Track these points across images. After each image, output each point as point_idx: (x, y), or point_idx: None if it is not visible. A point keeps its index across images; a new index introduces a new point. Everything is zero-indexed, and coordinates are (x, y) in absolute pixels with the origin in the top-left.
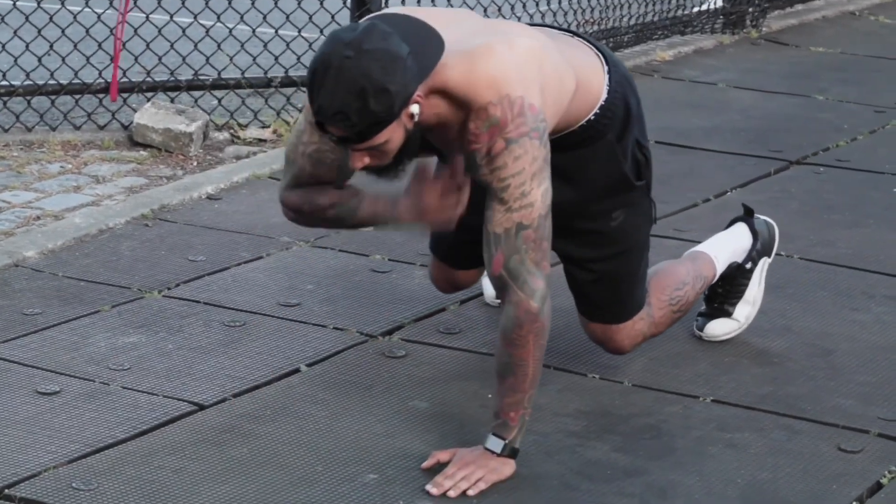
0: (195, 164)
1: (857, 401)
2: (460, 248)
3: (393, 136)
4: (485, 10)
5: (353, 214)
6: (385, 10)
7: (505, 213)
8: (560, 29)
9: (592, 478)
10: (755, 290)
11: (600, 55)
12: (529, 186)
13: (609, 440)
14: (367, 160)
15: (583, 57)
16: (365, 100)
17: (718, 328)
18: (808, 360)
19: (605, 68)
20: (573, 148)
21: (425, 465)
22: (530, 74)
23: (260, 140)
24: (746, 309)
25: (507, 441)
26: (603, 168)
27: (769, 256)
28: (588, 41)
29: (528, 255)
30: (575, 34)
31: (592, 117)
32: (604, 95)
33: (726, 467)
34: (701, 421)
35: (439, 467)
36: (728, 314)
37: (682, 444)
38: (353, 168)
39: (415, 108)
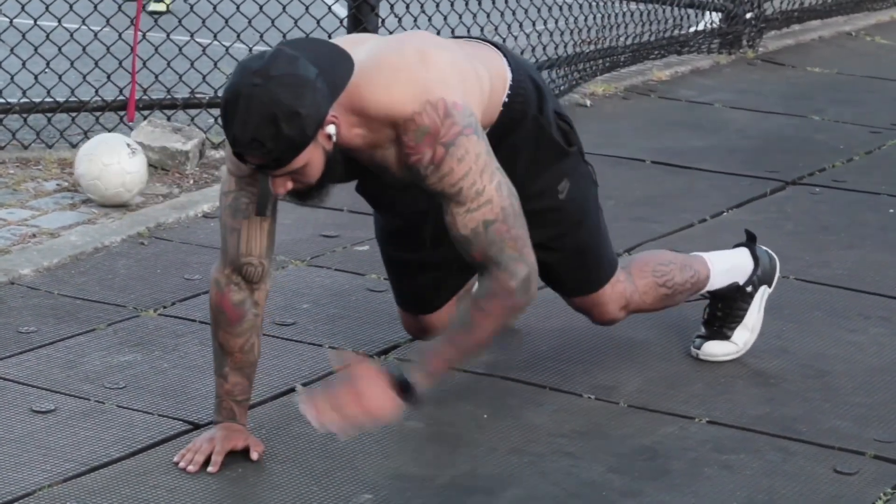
0: (191, 182)
1: (853, 422)
2: (421, 294)
3: (312, 158)
4: (482, 30)
5: (219, 364)
6: (294, 39)
7: (466, 213)
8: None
9: (587, 499)
10: (754, 316)
11: (488, 44)
12: (482, 183)
13: (604, 461)
14: (289, 185)
15: (479, 49)
16: (277, 125)
17: (716, 349)
18: (804, 382)
19: (499, 52)
20: (503, 137)
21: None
22: (445, 75)
23: None
24: (745, 335)
25: (410, 375)
26: (535, 144)
27: (769, 286)
28: (469, 36)
29: (506, 245)
30: (458, 37)
31: (507, 99)
32: (509, 76)
33: (722, 489)
34: (696, 442)
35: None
36: (727, 337)
37: (677, 466)
38: (276, 194)
39: (331, 129)
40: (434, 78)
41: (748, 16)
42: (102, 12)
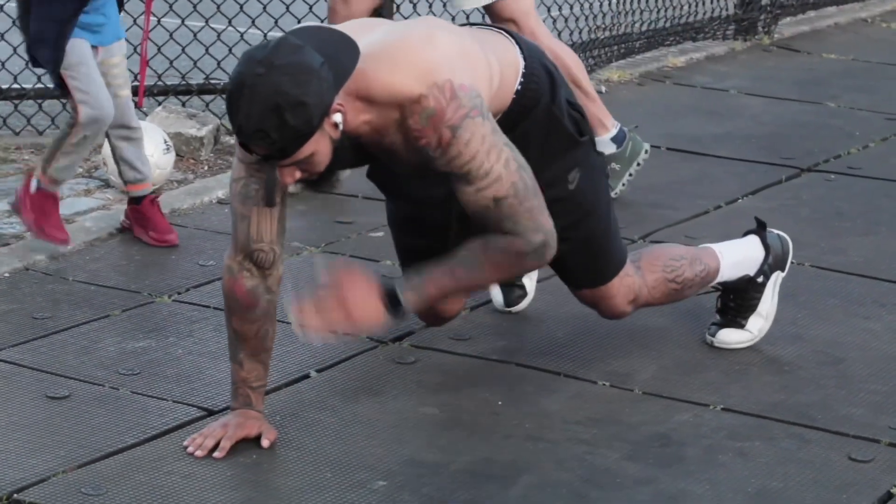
0: (206, 168)
1: (868, 410)
2: None
3: (318, 147)
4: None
5: (234, 351)
6: (300, 25)
7: (476, 192)
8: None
9: (602, 486)
10: (768, 303)
11: (502, 31)
12: (489, 164)
13: (619, 448)
14: (297, 174)
15: (491, 37)
16: (281, 115)
17: (730, 336)
18: (819, 369)
19: (512, 41)
20: (515, 125)
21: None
22: (451, 57)
23: None
24: (759, 322)
25: (402, 292)
26: (546, 133)
27: (782, 271)
28: (483, 25)
29: (520, 217)
30: (472, 24)
31: (519, 87)
32: (521, 63)
33: (736, 476)
34: (711, 429)
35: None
36: (741, 326)
37: (692, 453)
38: (285, 183)
39: (337, 117)
40: (440, 60)
41: (764, 2)
42: None
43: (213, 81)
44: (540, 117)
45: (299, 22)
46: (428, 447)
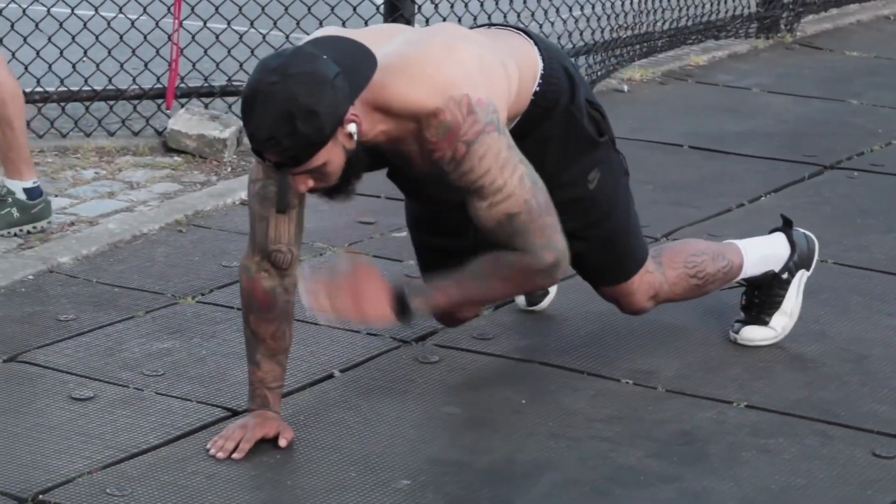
0: (229, 169)
1: (892, 406)
2: None
3: (331, 157)
4: (518, 16)
5: (252, 352)
6: (317, 33)
7: (489, 208)
8: (479, 26)
9: (625, 484)
10: (793, 301)
11: (521, 33)
12: (502, 180)
13: (642, 446)
14: (310, 183)
15: (510, 40)
16: (293, 123)
17: (754, 333)
18: (842, 366)
19: (530, 41)
20: (534, 127)
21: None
22: (470, 70)
23: None
24: (783, 320)
25: (411, 297)
26: (565, 134)
27: (808, 269)
28: (504, 25)
29: (532, 234)
30: (491, 24)
31: (538, 89)
32: (540, 65)
33: (760, 473)
34: (734, 426)
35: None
36: (765, 323)
37: (715, 450)
38: (298, 192)
39: (352, 128)
40: (458, 74)
41: (786, 0)
42: (139, 0)
43: (235, 83)
44: (559, 118)
45: (321, 23)
46: (451, 446)
